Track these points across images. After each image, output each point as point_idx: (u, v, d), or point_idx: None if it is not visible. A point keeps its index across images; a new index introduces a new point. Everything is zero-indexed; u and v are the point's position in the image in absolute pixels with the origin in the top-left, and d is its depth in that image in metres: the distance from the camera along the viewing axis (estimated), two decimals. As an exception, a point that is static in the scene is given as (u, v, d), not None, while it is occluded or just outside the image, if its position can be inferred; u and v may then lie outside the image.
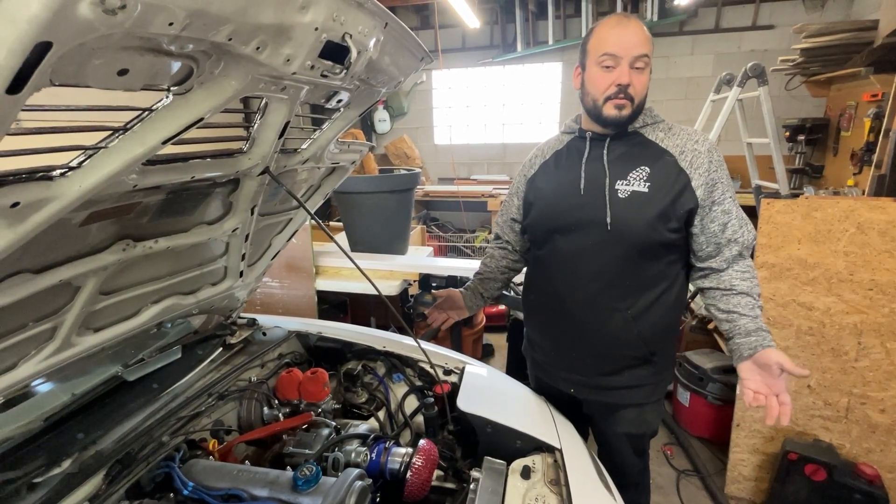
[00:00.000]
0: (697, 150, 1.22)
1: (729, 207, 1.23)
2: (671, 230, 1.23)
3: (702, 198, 1.21)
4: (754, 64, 2.88)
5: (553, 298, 1.40)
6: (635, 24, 1.20)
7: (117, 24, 0.48)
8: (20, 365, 0.94)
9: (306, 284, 2.85)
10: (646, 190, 1.22)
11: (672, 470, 2.41)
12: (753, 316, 1.22)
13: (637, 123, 1.28)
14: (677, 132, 1.27)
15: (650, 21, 5.35)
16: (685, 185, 1.21)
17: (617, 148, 1.28)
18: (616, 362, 1.36)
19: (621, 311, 1.29)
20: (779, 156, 3.05)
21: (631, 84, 1.18)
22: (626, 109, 1.21)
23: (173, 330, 1.48)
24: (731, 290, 1.25)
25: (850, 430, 1.97)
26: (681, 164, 1.22)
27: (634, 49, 1.17)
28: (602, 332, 1.33)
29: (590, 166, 1.29)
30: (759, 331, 1.21)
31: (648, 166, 1.23)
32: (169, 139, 0.75)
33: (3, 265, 0.70)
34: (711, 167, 1.22)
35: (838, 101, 4.25)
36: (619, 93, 1.19)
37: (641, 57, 1.17)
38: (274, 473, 1.04)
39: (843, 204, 1.83)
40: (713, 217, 1.23)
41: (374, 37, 0.87)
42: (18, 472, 0.94)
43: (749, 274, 1.26)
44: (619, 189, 1.24)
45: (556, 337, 1.45)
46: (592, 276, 1.29)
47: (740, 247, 1.25)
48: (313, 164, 1.33)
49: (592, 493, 1.14)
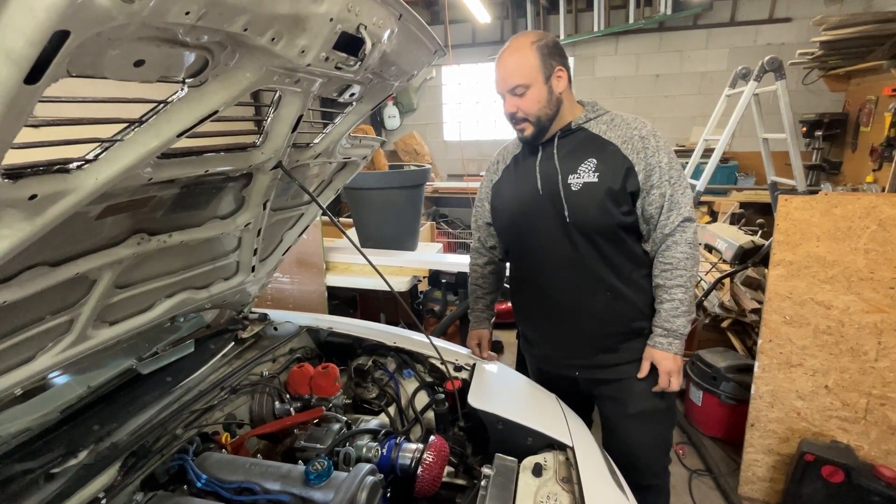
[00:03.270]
0: (637, 136, 1.31)
1: (664, 190, 1.30)
2: (624, 213, 1.32)
3: (641, 181, 1.30)
4: (771, 58, 2.82)
5: (537, 293, 1.50)
6: (504, 59, 1.30)
7: (134, 13, 0.48)
8: (38, 357, 0.95)
9: (317, 280, 2.86)
10: (595, 179, 1.31)
11: (684, 470, 2.38)
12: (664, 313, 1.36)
13: (580, 119, 1.36)
14: (618, 123, 1.35)
15: (664, 14, 5.26)
16: (629, 169, 1.30)
17: (565, 145, 1.37)
18: (610, 340, 1.43)
19: (600, 292, 1.38)
20: (796, 152, 2.99)
21: (518, 109, 1.31)
22: (527, 131, 1.35)
23: (186, 324, 1.49)
24: (656, 283, 1.38)
25: (869, 432, 1.93)
26: (624, 151, 1.31)
27: (506, 82, 1.30)
28: (588, 314, 1.41)
29: (543, 166, 1.38)
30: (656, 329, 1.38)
31: (595, 158, 1.32)
32: (184, 132, 0.75)
33: (21, 258, 0.71)
34: (648, 152, 1.30)
35: (858, 96, 4.16)
36: (510, 119, 1.35)
37: (515, 87, 1.28)
38: (286, 467, 1.04)
39: (864, 200, 1.79)
40: (650, 200, 1.31)
41: (389, 28, 0.86)
42: (36, 463, 0.96)
43: (674, 263, 1.33)
44: (571, 183, 1.33)
45: (548, 328, 1.53)
46: (566, 266, 1.39)
47: (671, 228, 1.32)
48: (325, 159, 1.33)
49: (605, 492, 1.12)
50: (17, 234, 0.63)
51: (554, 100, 1.32)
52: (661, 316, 1.37)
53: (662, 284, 1.35)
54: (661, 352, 1.37)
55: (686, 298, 1.34)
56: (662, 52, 5.62)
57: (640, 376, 1.41)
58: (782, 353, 1.99)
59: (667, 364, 1.37)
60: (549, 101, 1.31)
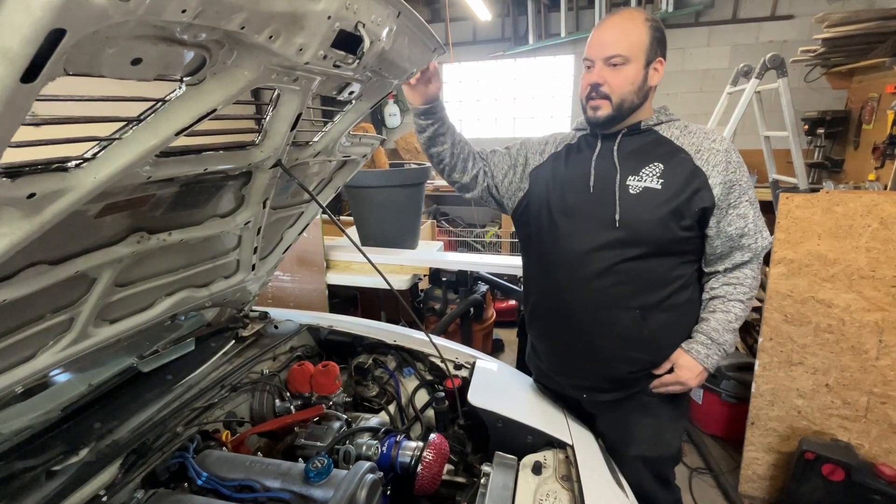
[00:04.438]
0: (715, 150, 1.19)
1: (745, 211, 1.20)
2: (684, 228, 1.20)
3: (719, 198, 1.18)
4: (773, 55, 2.80)
5: (557, 302, 1.34)
6: (611, 24, 1.19)
7: (130, 12, 0.48)
8: (39, 355, 0.95)
9: (317, 278, 2.87)
10: (658, 187, 1.18)
11: (685, 468, 2.38)
12: (717, 321, 1.25)
13: (651, 121, 1.25)
14: (693, 131, 1.23)
15: (665, 12, 5.24)
16: (702, 183, 1.18)
17: (629, 144, 1.25)
18: (626, 368, 1.30)
19: (629, 309, 1.24)
20: (797, 149, 2.98)
21: (605, 82, 1.18)
22: (603, 109, 1.20)
23: (187, 322, 1.49)
24: (714, 294, 1.27)
25: (870, 430, 1.93)
26: (696, 162, 1.18)
27: (605, 49, 1.16)
28: (610, 332, 1.27)
29: (600, 162, 1.26)
30: (697, 334, 1.27)
31: (662, 163, 1.20)
32: (182, 130, 0.75)
33: (21, 256, 0.71)
34: (730, 167, 1.18)
35: (860, 93, 4.14)
36: (591, 92, 1.20)
37: (613, 57, 1.16)
38: (286, 465, 1.04)
39: (865, 198, 1.78)
40: (730, 220, 1.20)
41: (388, 26, 0.86)
42: (38, 460, 0.96)
43: (741, 279, 1.24)
44: (630, 185, 1.21)
45: (562, 340, 1.38)
46: (598, 273, 1.24)
47: (752, 253, 1.23)
48: (325, 158, 1.32)
49: (604, 490, 1.12)
50: (16, 233, 0.63)
51: (644, 89, 1.20)
52: (709, 324, 1.24)
53: (722, 296, 1.24)
54: (692, 360, 1.24)
55: (741, 317, 1.23)
56: (664, 49, 5.60)
57: (657, 372, 1.29)
58: (783, 352, 1.99)
59: (687, 375, 1.24)
60: (640, 87, 1.19)
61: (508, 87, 6.48)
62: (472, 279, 2.98)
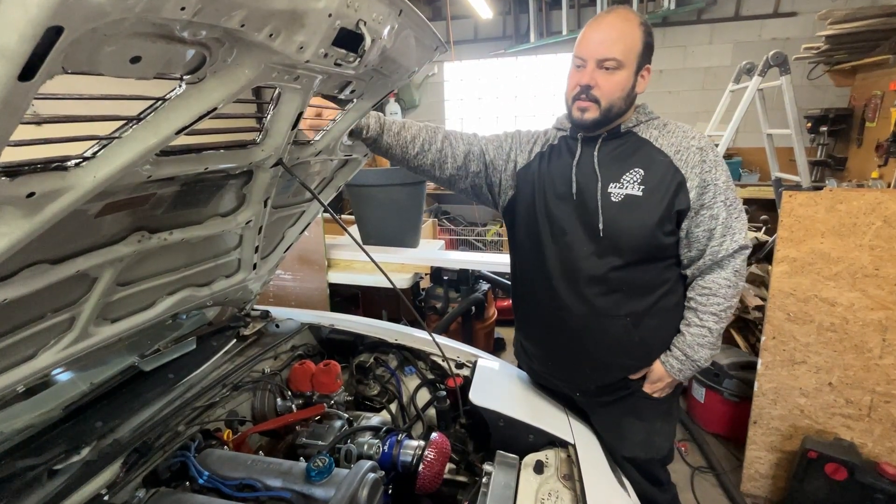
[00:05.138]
0: (692, 148, 1.17)
1: (717, 213, 1.17)
2: (667, 233, 1.19)
3: (693, 199, 1.16)
4: (776, 52, 2.79)
5: (545, 308, 1.33)
6: (607, 23, 1.14)
7: (128, 8, 0.47)
8: (40, 354, 0.96)
9: (318, 277, 2.87)
10: (640, 193, 1.17)
11: (686, 467, 2.38)
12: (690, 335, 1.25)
13: (630, 122, 1.23)
14: (672, 130, 1.21)
15: (667, 9, 5.21)
16: (679, 185, 1.16)
17: (609, 149, 1.23)
18: (618, 373, 1.31)
19: (619, 317, 1.24)
20: (800, 147, 2.96)
21: (596, 85, 1.13)
22: (590, 113, 1.16)
23: (188, 321, 1.49)
24: (688, 305, 1.27)
25: (873, 429, 1.92)
26: (676, 163, 1.17)
27: (600, 50, 1.12)
28: (600, 339, 1.27)
29: (581, 169, 1.24)
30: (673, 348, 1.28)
31: (643, 168, 1.18)
32: (182, 129, 0.75)
33: (21, 255, 0.71)
34: (705, 167, 1.16)
35: (863, 91, 4.12)
36: (580, 93, 1.16)
37: (607, 60, 1.12)
38: (287, 464, 1.04)
39: (869, 196, 1.77)
40: (699, 221, 1.19)
41: (389, 24, 0.85)
42: (39, 459, 0.96)
43: (714, 289, 1.21)
44: (612, 192, 1.19)
45: (552, 348, 1.39)
46: (586, 282, 1.23)
47: (714, 258, 1.20)
48: (326, 157, 1.32)
49: (606, 489, 1.12)
50: (16, 232, 0.63)
51: (632, 96, 1.18)
52: (684, 340, 1.24)
53: (695, 308, 1.23)
54: (665, 373, 1.27)
55: (716, 329, 1.22)
56: (665, 47, 5.57)
57: (633, 378, 1.31)
58: (786, 351, 1.98)
59: (659, 385, 1.29)
60: (629, 94, 1.16)
61: (510, 86, 6.46)
62: (473, 278, 2.97)
